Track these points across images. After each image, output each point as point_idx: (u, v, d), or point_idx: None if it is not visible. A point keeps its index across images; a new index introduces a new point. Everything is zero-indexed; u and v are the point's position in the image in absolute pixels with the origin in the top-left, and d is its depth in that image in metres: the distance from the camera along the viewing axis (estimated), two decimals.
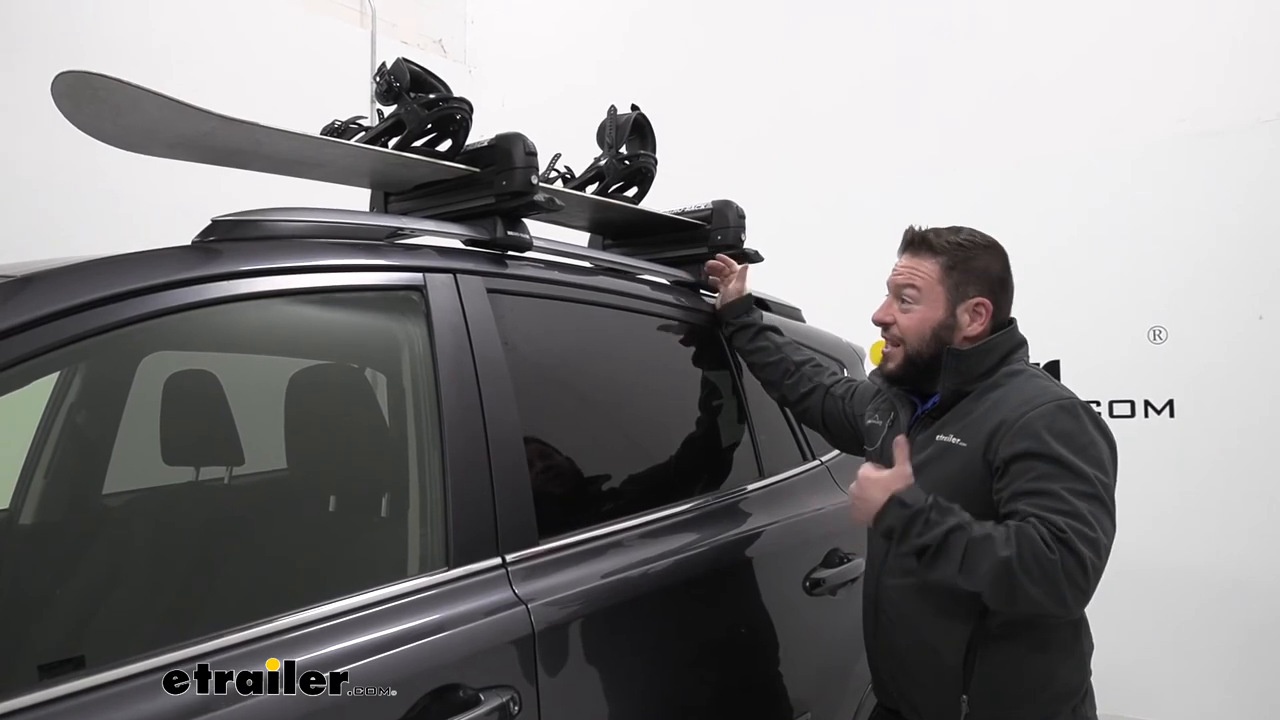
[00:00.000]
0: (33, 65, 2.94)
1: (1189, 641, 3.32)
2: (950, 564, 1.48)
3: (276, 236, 1.47)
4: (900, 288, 1.73)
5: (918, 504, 1.52)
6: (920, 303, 1.70)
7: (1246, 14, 3.31)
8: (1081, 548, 1.42)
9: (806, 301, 2.81)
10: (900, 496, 1.54)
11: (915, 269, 1.72)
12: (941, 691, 1.63)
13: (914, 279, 1.71)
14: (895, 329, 1.73)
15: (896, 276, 1.75)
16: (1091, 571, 1.42)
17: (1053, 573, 1.41)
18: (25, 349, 1.10)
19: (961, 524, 1.49)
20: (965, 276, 1.69)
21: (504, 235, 1.77)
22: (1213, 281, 3.32)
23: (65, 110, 1.41)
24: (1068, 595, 1.42)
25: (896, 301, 1.74)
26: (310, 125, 1.73)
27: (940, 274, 1.70)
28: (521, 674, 1.42)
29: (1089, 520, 1.45)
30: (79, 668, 1.09)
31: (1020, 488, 1.51)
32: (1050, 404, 1.56)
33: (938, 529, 1.49)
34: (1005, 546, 1.44)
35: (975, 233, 1.74)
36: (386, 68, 1.77)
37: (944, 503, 1.53)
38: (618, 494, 1.89)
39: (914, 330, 1.71)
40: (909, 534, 1.52)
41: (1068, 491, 1.47)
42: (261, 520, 1.85)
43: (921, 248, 1.73)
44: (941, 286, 1.69)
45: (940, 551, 1.49)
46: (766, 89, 4.42)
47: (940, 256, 1.70)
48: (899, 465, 1.60)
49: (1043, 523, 1.45)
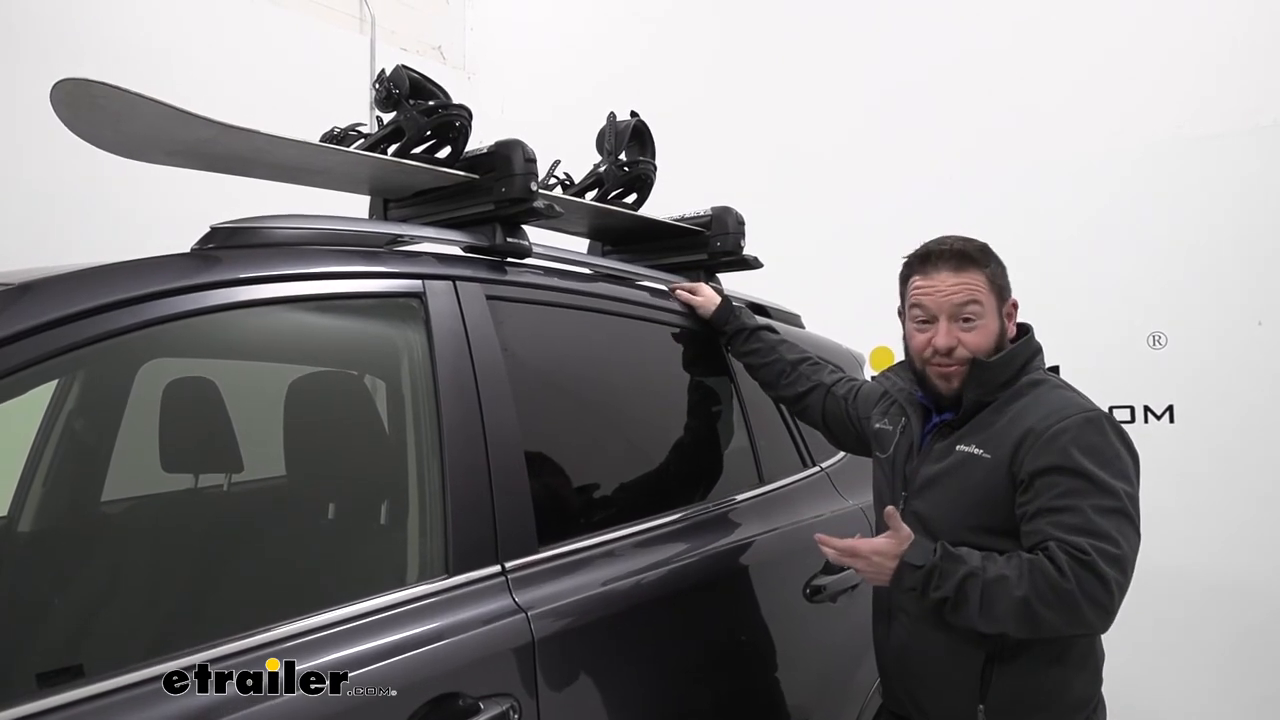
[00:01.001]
0: (31, 72, 2.95)
1: (1189, 645, 3.32)
2: (970, 611, 1.49)
3: (275, 244, 1.47)
4: (960, 306, 1.64)
5: (928, 561, 1.52)
6: (983, 317, 1.65)
7: (1245, 19, 3.31)
8: (1105, 568, 1.42)
9: (806, 307, 2.81)
10: (910, 559, 1.54)
11: (971, 285, 1.65)
12: (958, 701, 1.63)
13: (975, 295, 1.65)
14: (961, 350, 1.64)
15: (952, 296, 1.65)
16: (1116, 589, 1.43)
17: (1071, 600, 1.42)
18: (24, 357, 1.10)
19: (973, 570, 1.49)
20: (1002, 281, 1.70)
21: (503, 242, 1.77)
22: (1212, 287, 3.32)
23: (64, 118, 1.42)
24: (1091, 617, 1.43)
25: (953, 322, 1.65)
26: (309, 132, 1.73)
27: (988, 285, 1.66)
28: (521, 682, 1.42)
29: (1114, 538, 1.45)
30: (77, 676, 1.09)
31: (1045, 504, 1.51)
32: (1077, 417, 1.55)
33: (951, 580, 1.50)
34: (1019, 585, 1.45)
35: (972, 238, 1.73)
36: (386, 75, 1.77)
37: (951, 550, 1.53)
38: (617, 501, 1.89)
39: (983, 347, 1.64)
40: (927, 590, 1.53)
41: (1093, 509, 1.47)
42: (260, 528, 1.85)
43: (963, 261, 1.66)
44: (993, 296, 1.67)
45: (959, 601, 1.49)
46: (766, 95, 4.43)
47: (985, 268, 1.67)
48: (897, 530, 1.57)
49: (1063, 547, 1.45)
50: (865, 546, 1.59)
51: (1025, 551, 1.52)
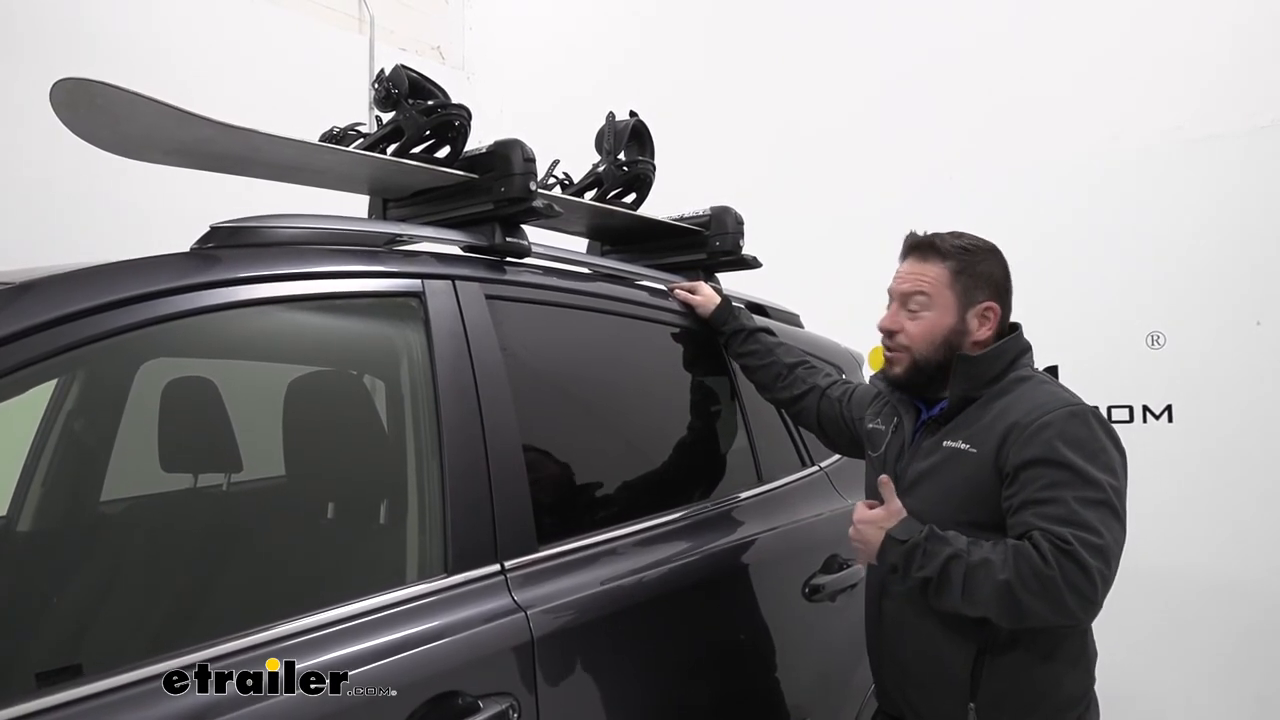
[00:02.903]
0: (31, 71, 2.95)
1: (1186, 645, 3.32)
2: (953, 593, 1.49)
3: (275, 243, 1.47)
4: (907, 295, 1.70)
5: (913, 538, 1.53)
6: (930, 309, 1.68)
7: (1244, 20, 3.31)
8: (1087, 557, 1.42)
9: (805, 307, 2.81)
10: (895, 534, 1.55)
11: (922, 275, 1.69)
12: (949, 700, 1.63)
13: (921, 285, 1.68)
14: (902, 336, 1.70)
15: (901, 283, 1.72)
16: (1099, 580, 1.43)
17: (1053, 587, 1.42)
18: (23, 356, 1.10)
19: (958, 552, 1.49)
20: (973, 281, 1.68)
21: (502, 241, 1.77)
22: (1211, 287, 3.32)
23: (64, 117, 1.42)
24: (1073, 606, 1.43)
25: (902, 309, 1.71)
26: (309, 132, 1.73)
27: (949, 279, 1.67)
28: (520, 681, 1.42)
29: (1096, 529, 1.45)
30: (76, 675, 1.09)
31: (1029, 496, 1.51)
32: (1061, 410, 1.55)
33: (936, 560, 1.50)
34: (1003, 569, 1.45)
35: (975, 237, 1.73)
36: (385, 74, 1.77)
37: (939, 532, 1.53)
38: (617, 500, 1.89)
39: (923, 337, 1.68)
40: (910, 568, 1.53)
41: (1076, 500, 1.47)
42: (260, 527, 1.85)
43: (928, 252, 1.69)
44: (950, 291, 1.67)
45: (941, 582, 1.50)
46: (766, 94, 4.43)
47: (947, 261, 1.68)
48: (889, 502, 1.60)
49: (1046, 536, 1.45)
50: (857, 514, 1.63)
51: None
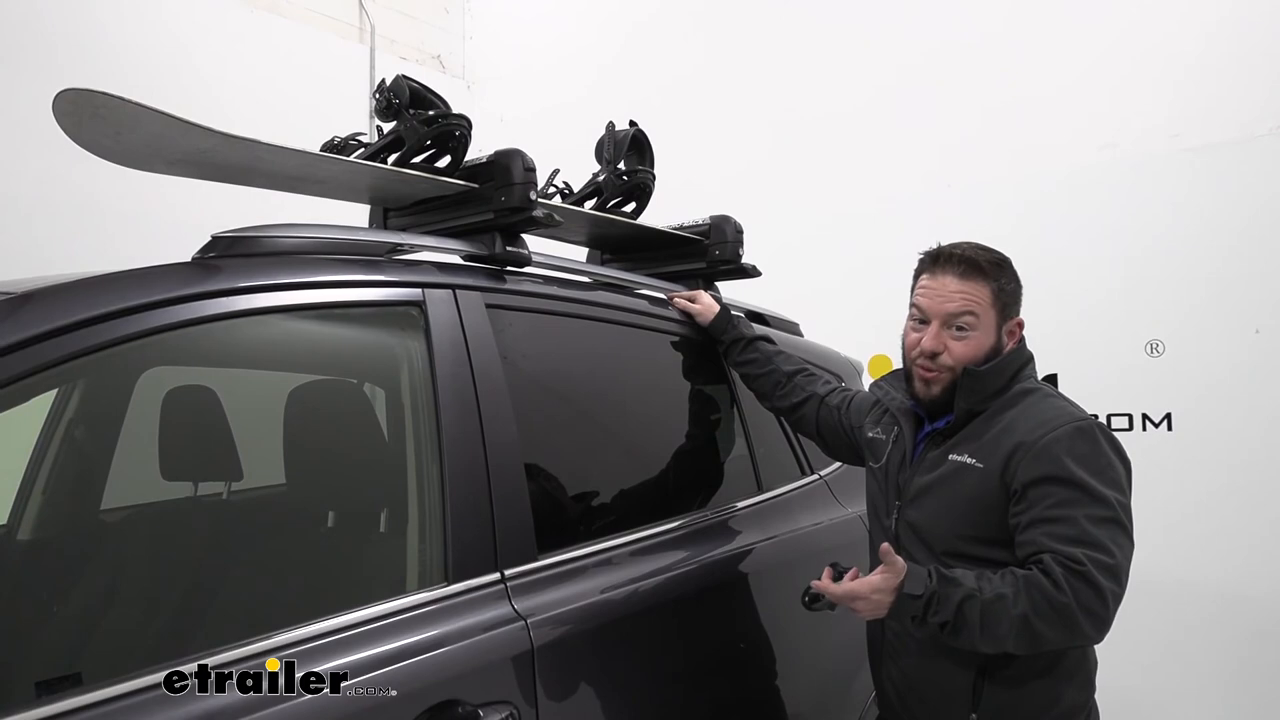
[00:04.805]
0: (33, 81, 2.96)
1: (1188, 653, 3.31)
2: (971, 633, 1.48)
3: (276, 252, 1.47)
4: (954, 315, 1.63)
5: (926, 590, 1.50)
6: (976, 329, 1.63)
7: (1242, 28, 3.33)
8: (1099, 578, 1.42)
9: (805, 316, 2.81)
10: (910, 590, 1.52)
11: (972, 295, 1.63)
12: (950, 710, 1.63)
13: (973, 306, 1.63)
14: (946, 357, 1.64)
15: (947, 303, 1.64)
16: (1111, 599, 1.43)
17: (1068, 614, 1.42)
18: (25, 365, 1.10)
19: (970, 592, 1.48)
20: (1009, 297, 1.67)
21: (503, 250, 1.78)
22: (1210, 295, 3.33)
23: (66, 128, 1.42)
24: (1088, 629, 1.44)
25: (945, 329, 1.64)
26: (310, 142, 1.73)
27: (992, 298, 1.64)
28: (520, 690, 1.42)
29: (1108, 547, 1.45)
30: (76, 684, 1.09)
31: (1039, 514, 1.51)
32: (1068, 426, 1.55)
33: (950, 604, 1.49)
34: (1016, 603, 1.45)
35: (995, 250, 1.70)
36: (386, 84, 1.78)
37: (946, 573, 1.52)
38: (617, 509, 1.89)
39: (969, 358, 1.63)
40: (926, 616, 1.52)
41: (1087, 519, 1.47)
42: (260, 536, 1.85)
43: (972, 270, 1.63)
44: (993, 310, 1.64)
45: (959, 624, 1.49)
46: (765, 104, 4.44)
47: (992, 281, 1.64)
48: (890, 565, 1.54)
49: (1057, 559, 1.45)
50: (864, 587, 1.54)
51: (1020, 562, 1.52)
